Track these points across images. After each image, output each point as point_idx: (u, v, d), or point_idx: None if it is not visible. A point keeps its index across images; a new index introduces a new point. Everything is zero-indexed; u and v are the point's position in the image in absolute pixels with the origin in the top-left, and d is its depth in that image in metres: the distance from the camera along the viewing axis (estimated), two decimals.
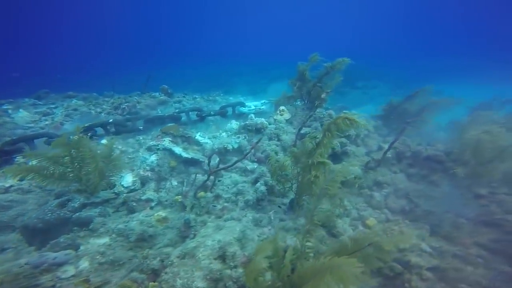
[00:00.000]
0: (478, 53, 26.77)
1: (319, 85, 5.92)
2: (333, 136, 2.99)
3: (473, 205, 3.28)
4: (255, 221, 3.49)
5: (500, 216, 3.11)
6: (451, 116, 7.21)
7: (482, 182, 3.46)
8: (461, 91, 16.36)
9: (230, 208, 3.55)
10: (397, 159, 5.21)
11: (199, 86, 16.27)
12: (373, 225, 3.58)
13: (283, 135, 5.35)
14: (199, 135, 4.68)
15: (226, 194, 3.64)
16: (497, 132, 3.29)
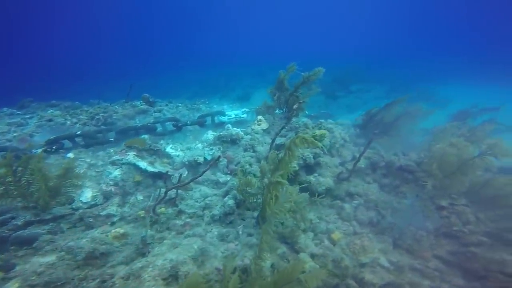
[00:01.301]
0: (479, 52, 27.18)
1: (295, 95, 5.97)
2: (294, 155, 3.01)
3: (435, 217, 3.30)
4: (221, 237, 3.48)
5: (457, 228, 3.14)
6: (433, 123, 7.33)
7: (445, 193, 3.49)
8: (456, 92, 16.62)
9: (193, 223, 3.53)
10: (372, 169, 5.25)
11: (197, 91, 16.36)
12: (338, 239, 3.58)
13: (258, 146, 5.37)
14: (170, 148, 4.68)
15: (191, 209, 3.63)
16: (461, 145, 3.34)
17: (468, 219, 3.22)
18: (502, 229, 3.14)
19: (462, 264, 2.79)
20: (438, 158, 3.37)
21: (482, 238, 3.02)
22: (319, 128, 5.83)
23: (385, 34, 44.84)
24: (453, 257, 2.91)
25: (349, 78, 17.13)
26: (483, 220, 3.25)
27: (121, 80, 18.91)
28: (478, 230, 3.15)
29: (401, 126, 5.09)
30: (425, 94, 15.05)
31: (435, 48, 33.25)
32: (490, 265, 2.64)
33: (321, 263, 3.09)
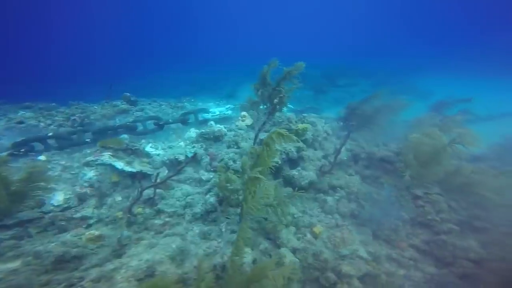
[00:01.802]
0: (460, 47, 27.98)
1: (278, 89, 5.93)
2: (272, 150, 2.97)
3: (410, 206, 3.38)
4: (203, 235, 3.42)
5: (431, 217, 3.23)
6: (415, 114, 7.52)
7: (421, 183, 3.58)
8: (438, 84, 17.13)
9: (173, 222, 3.45)
10: (354, 161, 5.33)
11: (187, 90, 16.03)
12: (319, 232, 3.60)
13: (242, 142, 5.31)
14: (149, 147, 4.54)
15: (171, 208, 3.54)
16: (435, 134, 3.41)
17: (441, 208, 3.33)
18: (472, 216, 3.26)
19: (434, 252, 2.88)
20: (414, 148, 3.45)
21: (452, 226, 3.13)
22: (302, 122, 5.84)
23: (373, 30, 45.63)
24: (427, 245, 3.01)
25: (337, 73, 17.31)
26: (455, 208, 3.37)
27: (112, 81, 18.30)
28: (449, 218, 3.26)
29: (381, 118, 5.18)
30: (410, 87, 15.44)
31: (420, 43, 34.07)
32: (457, 252, 2.74)
33: (302, 257, 3.11)
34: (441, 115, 7.00)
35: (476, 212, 3.31)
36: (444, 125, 3.54)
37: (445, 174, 3.40)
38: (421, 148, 3.38)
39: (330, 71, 17.33)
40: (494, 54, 22.81)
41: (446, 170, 3.36)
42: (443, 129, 3.51)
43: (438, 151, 3.28)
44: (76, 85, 19.70)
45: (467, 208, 3.51)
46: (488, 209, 3.28)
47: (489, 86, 18.12)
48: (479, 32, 33.16)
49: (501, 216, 3.16)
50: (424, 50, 28.37)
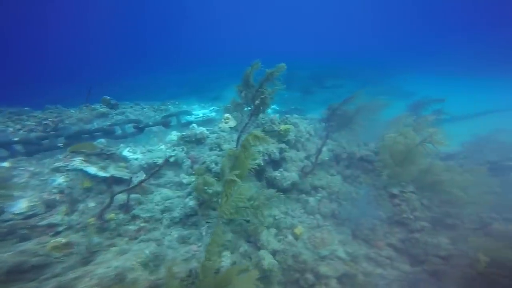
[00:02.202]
0: (445, 49, 29.27)
1: (261, 91, 5.92)
2: (249, 152, 2.93)
3: (387, 205, 3.44)
4: (182, 239, 3.32)
5: (406, 215, 3.30)
6: (397, 113, 7.75)
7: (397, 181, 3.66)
8: (422, 84, 17.83)
9: (150, 227, 3.32)
10: (335, 161, 5.39)
11: (175, 93, 15.71)
12: (300, 233, 3.59)
13: (225, 145, 5.24)
14: (127, 151, 4.38)
15: (147, 213, 3.40)
16: (409, 134, 3.50)
17: (415, 206, 3.41)
18: (444, 213, 3.37)
19: (409, 251, 2.94)
20: (389, 147, 3.52)
21: (424, 224, 3.21)
22: (285, 123, 5.86)
23: (361, 31, 46.93)
24: (403, 244, 3.06)
25: (324, 74, 17.58)
26: (427, 205, 3.47)
27: (92, 84, 17.68)
28: (422, 216, 3.35)
29: (360, 118, 5.27)
30: (394, 87, 15.98)
31: (405, 44, 35.25)
32: (429, 249, 2.82)
33: (282, 259, 3.08)
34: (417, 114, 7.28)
35: (447, 209, 3.43)
36: (417, 125, 3.64)
37: (419, 172, 3.50)
38: (396, 147, 3.46)
39: (318, 72, 17.63)
40: (478, 55, 24.24)
41: (419, 169, 3.46)
42: (416, 129, 3.61)
43: (411, 150, 3.38)
44: (62, 88, 18.90)
45: (439, 205, 3.62)
46: (458, 206, 3.40)
47: (473, 85, 19.30)
48: (465, 33, 34.55)
49: (469, 212, 3.29)
50: (409, 51, 29.59)
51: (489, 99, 16.24)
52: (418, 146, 3.33)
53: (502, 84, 18.28)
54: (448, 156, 6.21)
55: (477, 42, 28.32)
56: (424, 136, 3.30)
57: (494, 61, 21.67)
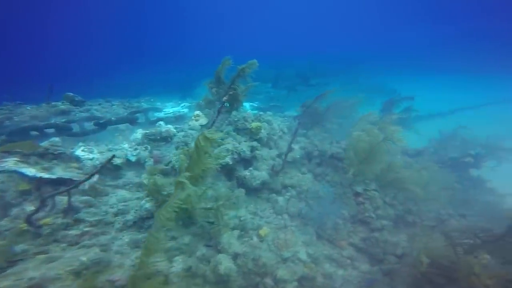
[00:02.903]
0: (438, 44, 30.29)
1: (233, 87, 5.72)
2: (202, 153, 2.72)
3: (352, 203, 3.42)
4: (134, 243, 3.07)
5: (368, 214, 3.29)
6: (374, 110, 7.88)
7: (362, 180, 3.65)
8: (406, 83, 18.48)
9: (97, 232, 3.03)
10: (308, 159, 5.34)
11: (160, 91, 14.99)
12: (265, 234, 3.47)
13: (193, 143, 4.98)
14: (81, 150, 4.00)
15: (94, 216, 3.11)
16: (372, 132, 3.48)
17: (378, 204, 3.42)
18: (406, 210, 3.41)
19: (369, 250, 2.92)
20: (354, 145, 3.49)
21: (384, 222, 3.23)
22: (258, 121, 5.71)
23: (351, 32, 47.68)
24: (364, 243, 3.04)
25: (310, 73, 17.62)
26: (391, 203, 3.50)
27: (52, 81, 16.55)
28: (384, 215, 3.37)
29: (332, 115, 5.26)
30: (377, 85, 16.39)
31: (396, 44, 36.14)
32: (387, 248, 2.82)
33: (243, 262, 2.94)
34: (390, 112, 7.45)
35: (410, 207, 3.47)
36: (382, 123, 3.65)
37: (381, 170, 3.50)
38: (360, 145, 3.44)
39: (304, 70, 17.67)
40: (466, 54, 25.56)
41: (381, 167, 3.46)
42: (380, 127, 3.61)
43: (374, 148, 3.37)
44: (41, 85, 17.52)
45: (403, 202, 3.67)
46: (419, 203, 3.45)
47: (456, 84, 20.35)
48: (452, 31, 35.68)
49: (429, 209, 3.35)
50: (398, 49, 30.47)
51: (468, 96, 17.34)
52: (380, 144, 3.32)
53: (489, 81, 19.61)
54: (418, 152, 6.41)
55: (470, 37, 29.66)
56: (386, 134, 3.29)
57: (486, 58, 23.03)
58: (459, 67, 24.04)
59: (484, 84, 20.89)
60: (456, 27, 36.17)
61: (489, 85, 20.49)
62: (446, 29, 36.55)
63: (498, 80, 21.13)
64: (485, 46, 28.39)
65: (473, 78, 21.88)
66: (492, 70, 22.63)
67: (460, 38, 32.05)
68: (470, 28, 34.36)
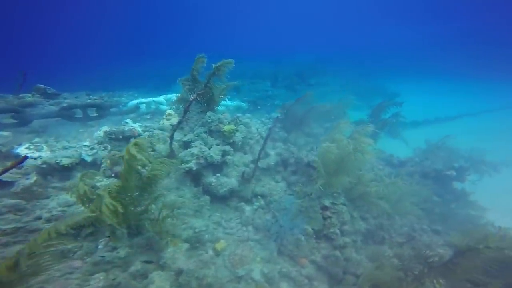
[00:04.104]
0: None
1: (209, 86, 5.45)
2: (131, 166, 2.42)
3: (318, 218, 3.18)
4: (63, 253, 2.78)
5: (333, 229, 3.07)
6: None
7: (330, 192, 3.42)
8: (407, 87, 18.28)
9: (13, 241, 2.73)
10: (283, 166, 5.10)
11: (158, 85, 14.60)
12: (221, 248, 3.21)
13: (159, 145, 4.71)
14: (26, 147, 3.70)
15: (12, 223, 2.80)
16: (342, 142, 3.26)
17: (345, 219, 3.20)
18: (378, 226, 3.19)
19: (329, 269, 2.69)
20: (322, 155, 3.26)
21: (347, 239, 3.01)
22: (235, 123, 5.45)
23: (354, 32, 47.56)
24: (325, 261, 2.81)
25: (310, 72, 17.34)
26: (362, 217, 3.28)
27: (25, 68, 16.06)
28: (351, 230, 3.15)
29: (312, 120, 5.02)
30: (378, 87, 16.18)
31: (401, 45, 35.80)
32: (348, 267, 2.59)
33: (185, 281, 2.66)
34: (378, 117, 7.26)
35: (382, 221, 3.25)
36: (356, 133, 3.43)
37: (350, 183, 3.28)
38: (328, 156, 3.21)
39: (303, 69, 17.41)
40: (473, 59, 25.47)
41: (351, 180, 3.24)
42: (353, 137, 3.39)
43: (343, 159, 3.14)
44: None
45: (377, 217, 3.45)
46: (393, 217, 3.24)
47: (462, 87, 20.21)
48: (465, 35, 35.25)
49: (402, 224, 3.14)
50: (402, 50, 30.21)
51: (476, 101, 17.24)
52: (349, 156, 3.10)
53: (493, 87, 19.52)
54: (401, 163, 6.23)
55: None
56: (354, 146, 3.07)
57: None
58: (466, 70, 23.91)
59: (489, 88, 20.85)
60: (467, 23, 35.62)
61: (495, 90, 20.47)
62: (456, 27, 36.15)
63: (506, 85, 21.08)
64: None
65: (482, 82, 21.79)
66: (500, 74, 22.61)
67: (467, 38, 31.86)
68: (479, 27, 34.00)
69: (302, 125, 5.29)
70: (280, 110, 6.02)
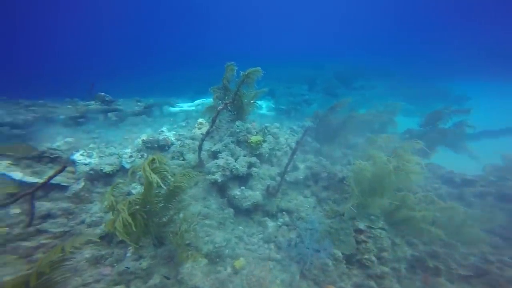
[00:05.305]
0: None
1: (239, 94, 5.55)
2: (148, 181, 2.55)
3: (350, 241, 2.88)
4: (95, 259, 3.11)
5: (368, 256, 2.71)
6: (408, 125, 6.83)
7: (366, 214, 3.06)
8: (477, 89, 15.57)
9: (55, 244, 3.15)
10: (314, 181, 4.82)
11: (199, 89, 15.88)
12: (240, 267, 3.18)
13: (188, 154, 4.98)
14: (80, 154, 4.33)
15: (60, 227, 3.24)
16: (379, 160, 2.90)
17: (383, 245, 2.80)
18: (429, 253, 2.70)
19: None
20: (356, 173, 2.94)
21: (385, 269, 2.60)
22: (263, 133, 5.42)
23: (397, 29, 43.53)
24: None
25: (353, 74, 16.20)
26: (401, 245, 2.82)
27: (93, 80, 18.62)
28: (392, 258, 2.73)
29: (348, 131, 4.64)
30: (440, 90, 14.19)
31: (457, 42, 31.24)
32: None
33: None
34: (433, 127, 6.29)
35: (435, 249, 2.75)
36: (400, 149, 2.98)
37: (390, 205, 2.86)
38: (362, 175, 2.87)
39: (345, 71, 16.38)
40: None
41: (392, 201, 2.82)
42: (396, 154, 2.97)
43: (380, 179, 2.77)
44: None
45: (428, 243, 2.94)
46: (450, 245, 2.71)
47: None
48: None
49: (464, 253, 2.58)
50: (462, 51, 26.13)
51: None
52: (390, 175, 2.72)
53: None
54: (466, 182, 5.24)
55: None
56: (396, 164, 2.67)
57: None
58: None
59: None
60: None
61: None
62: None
63: None
64: None
65: None
66: None
67: None
68: None
69: (337, 136, 4.93)
70: (311, 119, 5.74)
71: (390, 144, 3.42)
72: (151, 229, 2.93)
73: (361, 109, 9.76)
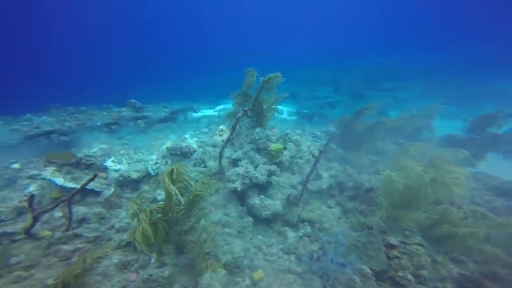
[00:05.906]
0: None
1: (258, 100, 5.55)
2: (168, 192, 2.62)
3: (381, 257, 2.66)
4: (122, 265, 3.29)
5: (402, 273, 2.47)
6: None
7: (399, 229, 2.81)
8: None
9: (90, 249, 3.38)
10: (339, 190, 4.61)
11: (221, 94, 16.28)
12: (258, 279, 3.14)
13: (210, 161, 5.08)
14: (111, 161, 4.67)
15: (93, 232, 3.49)
16: (413, 171, 2.66)
17: (422, 263, 2.53)
18: (486, 274, 2.38)
19: None
20: (385, 184, 2.73)
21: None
22: (283, 141, 5.33)
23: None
24: None
25: (382, 75, 15.25)
26: (444, 263, 2.51)
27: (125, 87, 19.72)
28: (431, 277, 2.45)
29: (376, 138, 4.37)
30: (490, 90, 12.66)
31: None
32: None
33: None
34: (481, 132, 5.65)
35: (492, 268, 2.42)
36: (437, 159, 2.71)
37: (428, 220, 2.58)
38: (392, 187, 2.66)
39: (371, 73, 15.51)
40: None
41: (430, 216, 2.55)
42: (434, 164, 2.70)
43: (414, 191, 2.53)
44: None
45: (482, 262, 2.60)
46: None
47: None
48: None
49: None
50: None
51: None
52: (426, 188, 2.47)
53: None
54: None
55: None
56: (433, 176, 2.42)
57: None
58: None
59: None
60: None
61: None
62: None
63: None
64: None
65: None
66: None
67: None
68: None
69: (364, 142, 4.66)
70: (336, 125, 5.51)
71: (426, 152, 3.12)
72: (172, 237, 3.02)
73: (391, 112, 9.12)
